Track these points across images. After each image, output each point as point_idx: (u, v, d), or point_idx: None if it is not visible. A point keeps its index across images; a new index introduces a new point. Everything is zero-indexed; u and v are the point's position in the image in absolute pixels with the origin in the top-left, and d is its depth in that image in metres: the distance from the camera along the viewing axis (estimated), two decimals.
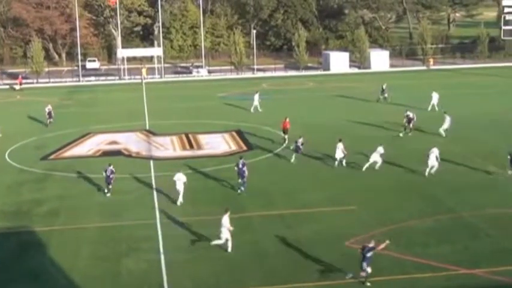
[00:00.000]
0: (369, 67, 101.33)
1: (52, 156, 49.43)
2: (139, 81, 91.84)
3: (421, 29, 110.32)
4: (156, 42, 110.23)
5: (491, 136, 52.27)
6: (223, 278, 27.62)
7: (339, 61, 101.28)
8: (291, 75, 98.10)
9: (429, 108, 61.34)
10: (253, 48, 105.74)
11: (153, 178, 42.62)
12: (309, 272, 27.85)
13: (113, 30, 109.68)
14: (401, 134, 52.86)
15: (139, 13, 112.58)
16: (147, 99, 75.72)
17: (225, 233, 30.02)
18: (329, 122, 58.48)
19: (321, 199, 37.49)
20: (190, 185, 40.74)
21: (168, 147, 51.79)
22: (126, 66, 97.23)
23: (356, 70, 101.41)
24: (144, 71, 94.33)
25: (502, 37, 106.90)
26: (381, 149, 42.71)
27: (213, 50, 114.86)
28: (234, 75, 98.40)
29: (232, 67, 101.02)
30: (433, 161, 40.92)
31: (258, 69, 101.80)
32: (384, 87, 69.16)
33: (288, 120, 51.80)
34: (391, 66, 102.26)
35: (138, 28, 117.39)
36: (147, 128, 58.92)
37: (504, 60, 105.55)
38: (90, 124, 60.72)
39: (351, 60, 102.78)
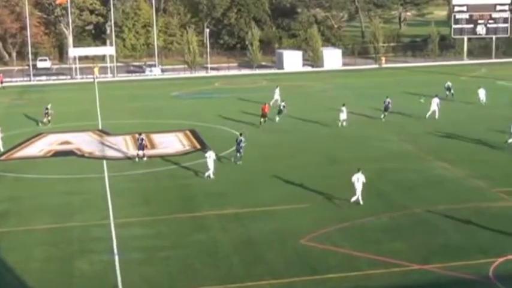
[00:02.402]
0: (321, 66, 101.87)
1: (3, 157, 48.61)
2: (92, 80, 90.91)
3: (373, 27, 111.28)
4: (108, 41, 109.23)
5: (443, 133, 52.98)
6: (179, 278, 27.47)
7: (292, 60, 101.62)
8: (245, 73, 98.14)
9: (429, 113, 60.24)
10: (206, 47, 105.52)
11: (106, 178, 42.22)
12: (264, 270, 27.87)
13: (64, 29, 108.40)
14: (382, 117, 57.63)
15: (91, 11, 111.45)
16: (99, 98, 74.98)
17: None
18: (281, 120, 58.53)
19: (276, 197, 37.56)
20: (144, 185, 40.64)
21: (121, 146, 51.34)
22: (78, 66, 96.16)
23: (309, 69, 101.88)
24: (96, 70, 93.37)
25: (452, 36, 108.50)
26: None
27: (166, 49, 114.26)
28: (187, 74, 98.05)
29: (186, 66, 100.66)
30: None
31: (212, 68, 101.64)
32: (449, 84, 69.07)
33: (267, 105, 57.62)
34: (344, 64, 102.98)
35: (90, 27, 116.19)
36: (100, 127, 58.37)
37: (454, 59, 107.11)
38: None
39: (304, 59, 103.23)
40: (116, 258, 29.38)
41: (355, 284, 26.63)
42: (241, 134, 45.46)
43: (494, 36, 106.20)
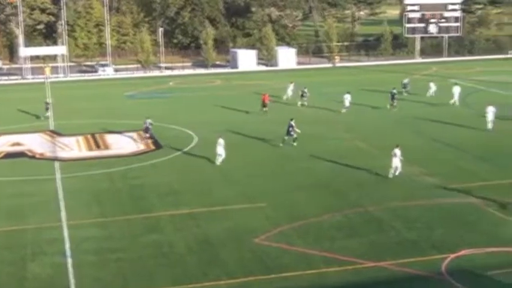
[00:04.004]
0: (276, 65, 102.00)
1: None
2: (43, 80, 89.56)
3: (326, 27, 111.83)
4: (59, 41, 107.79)
5: (396, 130, 53.49)
6: (132, 279, 27.23)
7: (247, 59, 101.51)
8: (199, 73, 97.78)
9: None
10: (160, 46, 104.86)
11: (58, 179, 41.65)
12: (220, 270, 27.79)
13: (15, 28, 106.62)
14: (388, 106, 61.23)
15: (42, 10, 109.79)
16: (51, 98, 73.88)
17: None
18: (236, 120, 58.44)
19: (231, 196, 37.49)
20: (96, 186, 40.21)
21: (73, 147, 50.71)
22: (29, 65, 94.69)
23: (264, 68, 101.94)
24: (47, 70, 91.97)
25: (405, 35, 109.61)
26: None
27: (119, 49, 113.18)
28: (141, 74, 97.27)
29: (139, 65, 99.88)
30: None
31: (166, 68, 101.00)
32: (406, 82, 70.85)
33: (267, 95, 61.95)
34: (298, 63, 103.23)
35: (41, 26, 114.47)
36: (52, 128, 57.53)
37: (407, 57, 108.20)
38: None
39: (258, 58, 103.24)
40: (69, 260, 29.01)
41: (310, 282, 26.72)
42: (291, 119, 48.75)
43: (446, 35, 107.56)
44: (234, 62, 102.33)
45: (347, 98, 61.12)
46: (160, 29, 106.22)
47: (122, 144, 51.37)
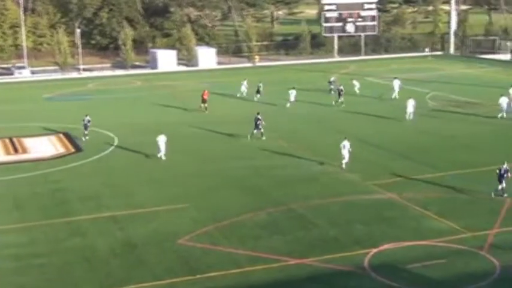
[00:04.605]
0: (196, 65, 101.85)
1: None
2: None
3: (246, 26, 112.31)
4: None
5: (318, 129, 54.20)
6: (56, 284, 26.82)
7: (167, 59, 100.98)
8: (118, 74, 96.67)
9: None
10: (78, 47, 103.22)
11: None
12: (144, 272, 27.63)
13: None
14: (333, 103, 62.69)
15: None
16: None
17: None
18: (157, 121, 58.07)
19: (154, 199, 37.27)
20: (16, 191, 39.36)
21: None
22: None
23: (184, 68, 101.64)
24: None
25: (323, 34, 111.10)
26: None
27: (35, 50, 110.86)
28: (59, 76, 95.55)
29: (57, 67, 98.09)
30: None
31: (85, 69, 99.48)
32: (332, 80, 71.76)
33: (206, 91, 62.27)
34: (219, 63, 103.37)
35: None
36: None
37: (326, 56, 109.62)
38: None
39: (178, 58, 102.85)
40: None
41: (236, 281, 26.85)
42: (258, 113, 50.46)
43: (362, 34, 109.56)
44: (153, 62, 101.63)
45: (292, 93, 63.68)
46: (78, 30, 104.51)
47: (41, 147, 50.38)
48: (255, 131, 50.07)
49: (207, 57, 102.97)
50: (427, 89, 71.75)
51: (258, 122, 50.08)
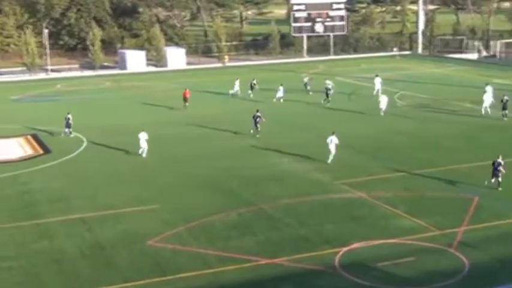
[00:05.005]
0: (165, 65, 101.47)
1: None
2: None
3: (215, 27, 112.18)
4: None
5: (287, 129, 54.29)
6: (26, 287, 26.54)
7: (136, 60, 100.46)
8: (87, 75, 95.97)
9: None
10: (46, 48, 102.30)
11: None
12: (114, 274, 27.47)
13: None
14: (322, 101, 63.44)
15: None
16: None
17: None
18: (126, 122, 57.76)
19: (124, 200, 37.04)
20: None
21: None
22: None
23: (153, 68, 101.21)
24: None
25: (292, 34, 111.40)
26: None
27: (2, 51, 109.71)
28: (26, 77, 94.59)
29: (25, 68, 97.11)
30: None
31: (53, 70, 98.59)
32: (306, 80, 72.44)
33: (188, 90, 63.20)
34: (188, 64, 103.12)
35: None
36: None
37: (295, 56, 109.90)
38: None
39: (147, 59, 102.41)
40: None
41: (206, 281, 26.80)
42: (257, 111, 51.20)
43: (331, 34, 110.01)
44: (122, 63, 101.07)
45: (280, 90, 65.53)
46: (46, 31, 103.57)
47: (10, 149, 49.85)
48: (257, 128, 50.93)
49: (176, 57, 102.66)
50: (396, 89, 72.21)
51: (257, 120, 50.52)
